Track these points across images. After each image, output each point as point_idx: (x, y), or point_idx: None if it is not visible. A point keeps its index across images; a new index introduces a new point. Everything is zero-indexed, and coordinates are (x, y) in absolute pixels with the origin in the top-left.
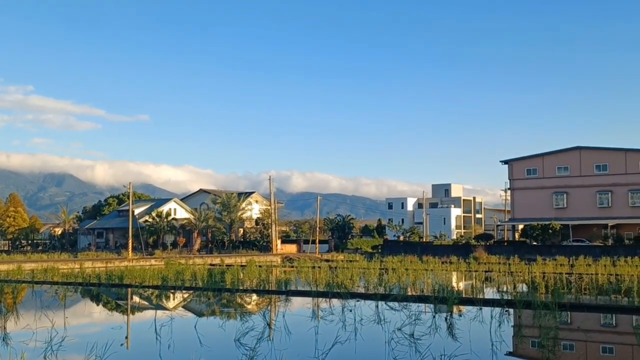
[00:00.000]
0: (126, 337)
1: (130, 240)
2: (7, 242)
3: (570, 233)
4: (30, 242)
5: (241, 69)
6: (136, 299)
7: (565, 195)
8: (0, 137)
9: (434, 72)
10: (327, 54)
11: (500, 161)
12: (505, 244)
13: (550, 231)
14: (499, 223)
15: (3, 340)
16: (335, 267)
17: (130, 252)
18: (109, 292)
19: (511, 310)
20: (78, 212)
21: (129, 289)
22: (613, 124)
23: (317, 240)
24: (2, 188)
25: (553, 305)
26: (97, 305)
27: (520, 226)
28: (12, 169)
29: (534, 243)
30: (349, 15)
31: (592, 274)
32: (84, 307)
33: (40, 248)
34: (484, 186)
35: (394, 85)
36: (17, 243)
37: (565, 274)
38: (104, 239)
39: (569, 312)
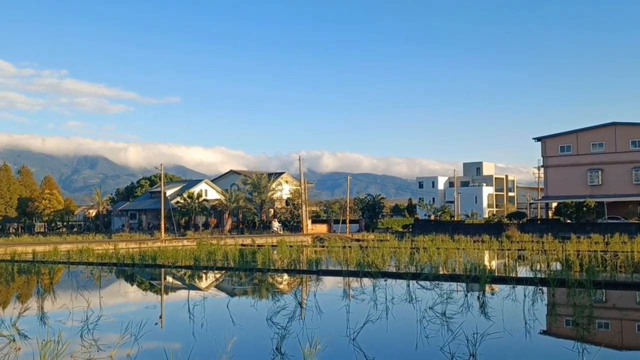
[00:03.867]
0: (160, 317)
1: (162, 222)
2: (43, 224)
3: (605, 210)
4: (65, 223)
5: (271, 49)
6: (169, 279)
7: (600, 172)
8: (35, 121)
9: (466, 51)
10: (356, 32)
11: (533, 138)
12: (539, 222)
13: (584, 209)
14: (532, 201)
15: (41, 319)
16: (366, 247)
17: (162, 233)
18: (143, 272)
19: (545, 289)
20: (111, 194)
21: (162, 269)
22: None
23: (348, 220)
24: (38, 171)
25: (588, 283)
26: (131, 285)
27: (554, 204)
28: (47, 152)
29: (568, 221)
30: None
31: (627, 252)
32: (119, 287)
33: (75, 229)
34: (517, 164)
35: (422, 64)
36: (53, 225)
37: (600, 251)
38: (137, 220)
39: (604, 290)
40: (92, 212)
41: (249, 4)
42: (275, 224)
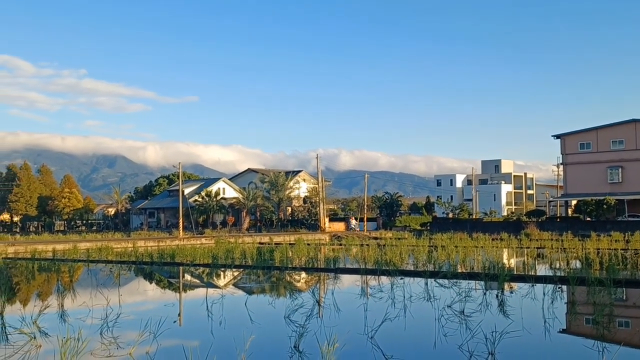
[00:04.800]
0: (179, 314)
1: (180, 220)
2: (62, 222)
3: (625, 208)
4: (84, 222)
5: (289, 47)
6: (187, 277)
7: (620, 170)
8: (55, 120)
9: (485, 47)
10: (373, 29)
11: (553, 136)
12: (558, 220)
13: (604, 206)
14: (551, 199)
15: (61, 317)
16: (384, 245)
17: (181, 231)
18: (161, 270)
19: (564, 287)
20: (130, 193)
21: (181, 267)
22: None
23: (365, 218)
24: (57, 170)
25: (608, 281)
26: (150, 283)
27: (574, 202)
28: (67, 151)
29: (588, 219)
30: None
31: None
32: (138, 285)
33: (94, 228)
34: (536, 162)
35: (440, 61)
36: (72, 223)
37: (621, 250)
38: (155, 218)
39: (624, 289)
40: (111, 211)
41: (267, 2)
42: (353, 221)
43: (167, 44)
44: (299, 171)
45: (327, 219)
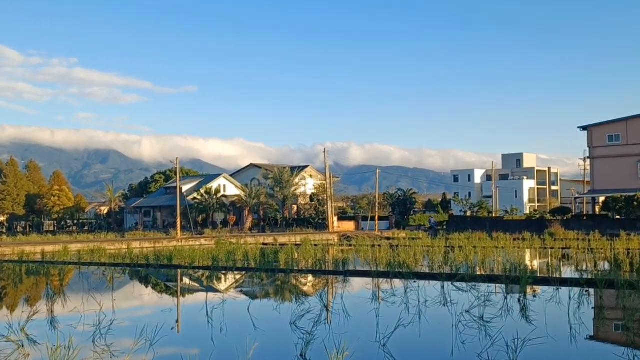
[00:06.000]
0: (177, 321)
1: (178, 219)
2: (52, 222)
3: None
4: (75, 222)
5: (293, 35)
6: (186, 280)
7: None
8: (44, 113)
9: (503, 33)
10: (384, 16)
11: (579, 127)
12: (585, 218)
13: (635, 203)
14: (577, 195)
15: (51, 323)
16: (397, 246)
17: (178, 231)
18: (158, 273)
19: (592, 291)
20: (124, 190)
21: (179, 270)
22: None
23: (377, 217)
24: (46, 166)
25: (639, 284)
26: (146, 287)
27: (602, 198)
28: (56, 145)
29: (617, 217)
30: None
31: None
32: (133, 289)
33: (86, 228)
34: (561, 155)
35: (457, 49)
36: (63, 223)
37: None
38: (152, 217)
39: None
40: (104, 210)
41: None
42: (432, 219)
43: (163, 30)
44: (306, 166)
45: (335, 218)
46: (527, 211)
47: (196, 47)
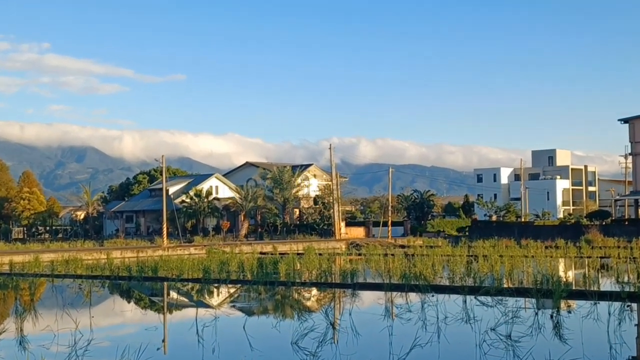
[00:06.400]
0: (163, 340)
1: (164, 225)
2: (21, 229)
3: None
4: (48, 228)
5: (294, 14)
6: (173, 294)
7: None
8: (12, 105)
9: (536, 14)
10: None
11: (619, 120)
12: (626, 222)
13: None
14: (617, 197)
15: (20, 344)
16: (412, 255)
17: (165, 239)
18: (142, 286)
19: (634, 305)
20: (103, 192)
21: (165, 283)
22: None
23: (390, 222)
24: (15, 165)
25: None
26: (128, 302)
27: None
28: (27, 142)
29: None
30: None
31: None
32: (113, 304)
33: (60, 235)
34: (599, 152)
35: (479, 32)
36: (34, 230)
37: None
38: (134, 223)
39: None
40: (80, 215)
41: None
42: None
43: (147, 11)
44: (309, 165)
45: (343, 224)
46: (561, 215)
47: (184, 30)
